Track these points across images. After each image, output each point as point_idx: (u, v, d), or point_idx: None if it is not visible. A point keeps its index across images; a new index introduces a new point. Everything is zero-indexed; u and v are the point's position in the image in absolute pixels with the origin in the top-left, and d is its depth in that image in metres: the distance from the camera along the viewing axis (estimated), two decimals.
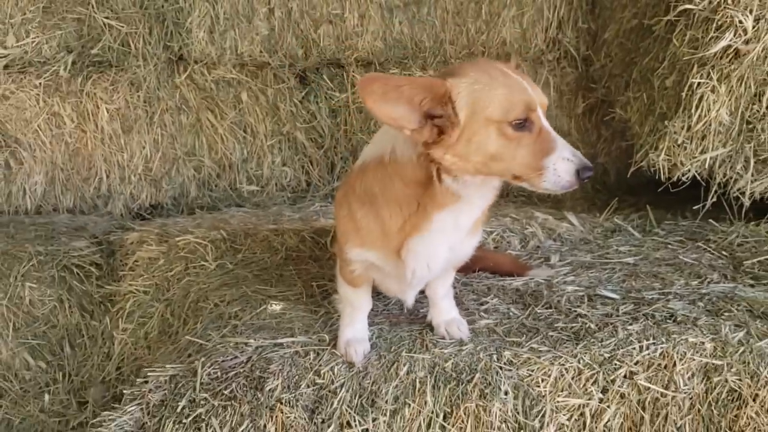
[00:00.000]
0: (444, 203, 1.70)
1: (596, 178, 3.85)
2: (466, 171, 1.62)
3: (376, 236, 1.78)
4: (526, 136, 1.57)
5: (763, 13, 2.49)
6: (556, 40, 3.69)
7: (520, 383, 1.84)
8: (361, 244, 1.81)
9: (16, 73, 3.47)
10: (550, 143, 1.58)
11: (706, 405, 1.90)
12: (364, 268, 1.87)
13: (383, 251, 1.79)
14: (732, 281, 2.29)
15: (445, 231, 1.76)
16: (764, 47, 2.50)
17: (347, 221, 1.83)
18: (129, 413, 1.86)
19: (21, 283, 2.64)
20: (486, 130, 1.57)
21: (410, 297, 1.96)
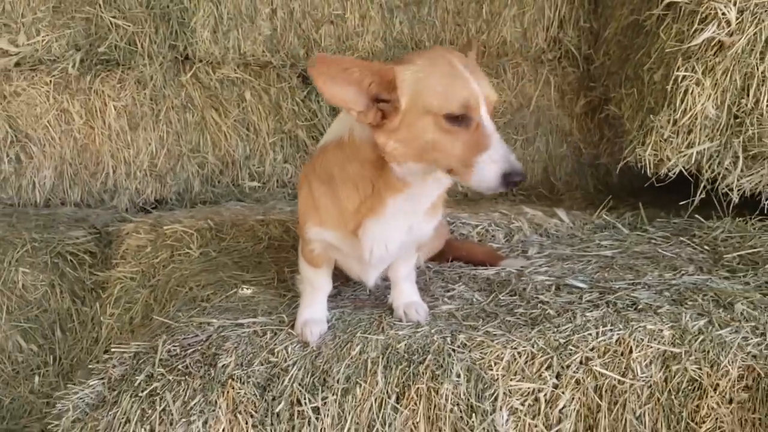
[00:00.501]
0: (396, 188, 1.72)
1: (598, 178, 3.82)
2: (407, 158, 1.64)
3: (334, 216, 1.82)
4: (462, 131, 1.58)
5: (747, 5, 2.46)
6: (557, 39, 3.69)
7: (473, 366, 1.83)
8: (320, 223, 1.84)
9: (27, 71, 3.60)
10: (485, 141, 1.57)
11: (665, 394, 1.87)
12: (323, 248, 1.90)
13: (341, 231, 1.82)
14: (707, 274, 2.25)
15: (400, 215, 1.78)
16: (749, 40, 2.47)
17: (307, 200, 1.87)
18: (91, 387, 1.91)
19: (15, 268, 2.74)
20: (424, 119, 1.60)
21: (371, 278, 1.98)
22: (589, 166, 3.80)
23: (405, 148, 1.63)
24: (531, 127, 3.73)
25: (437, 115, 1.58)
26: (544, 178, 3.78)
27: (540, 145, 3.75)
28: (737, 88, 2.55)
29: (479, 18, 3.68)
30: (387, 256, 1.87)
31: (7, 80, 3.60)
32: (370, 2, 3.64)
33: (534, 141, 3.75)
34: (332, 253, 1.94)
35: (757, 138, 2.59)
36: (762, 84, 2.53)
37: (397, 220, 1.80)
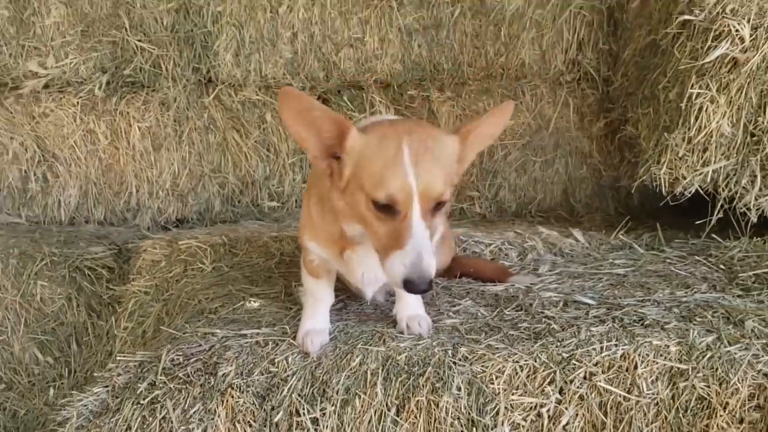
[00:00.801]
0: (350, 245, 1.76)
1: (619, 200, 3.78)
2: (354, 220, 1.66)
3: (324, 235, 1.83)
4: (389, 220, 1.57)
5: (762, 22, 2.44)
6: (576, 61, 3.68)
7: (474, 379, 1.81)
8: (314, 238, 1.86)
9: (55, 92, 3.71)
10: (403, 239, 1.54)
11: (673, 412, 1.82)
12: (321, 260, 1.91)
13: (330, 250, 1.84)
14: (720, 292, 2.20)
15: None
16: (764, 57, 2.44)
17: (306, 213, 1.89)
18: (95, 394, 1.93)
19: (34, 281, 2.79)
20: (358, 194, 1.60)
21: (369, 293, 1.97)
22: (609, 189, 3.77)
23: (350, 212, 1.65)
24: (550, 149, 3.71)
25: (368, 196, 1.57)
26: (563, 200, 3.75)
27: (559, 167, 3.73)
28: (753, 106, 2.52)
29: (497, 41, 3.70)
30: (379, 280, 1.87)
31: (36, 102, 3.71)
32: (389, 25, 3.68)
33: (553, 163, 3.73)
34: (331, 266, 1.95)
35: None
36: None
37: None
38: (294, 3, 3.63)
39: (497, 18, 3.66)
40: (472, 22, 3.68)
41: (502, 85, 3.73)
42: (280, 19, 3.66)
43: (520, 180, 3.75)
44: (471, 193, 3.77)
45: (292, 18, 3.66)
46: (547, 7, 3.63)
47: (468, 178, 3.75)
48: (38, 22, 3.64)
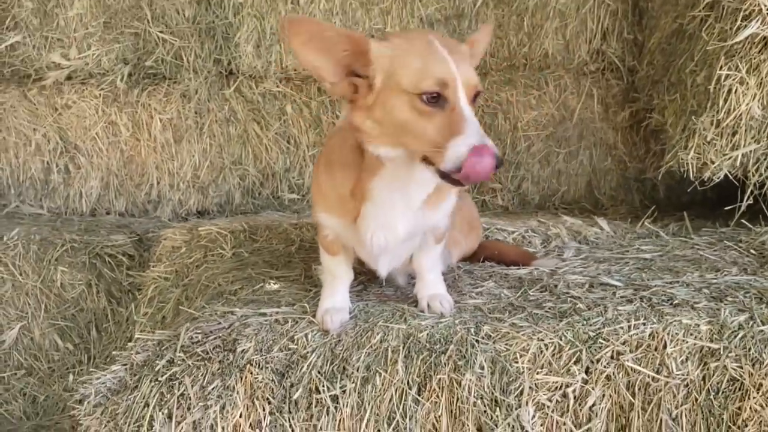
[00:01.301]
0: (373, 170, 1.69)
1: (644, 193, 3.72)
2: (382, 140, 1.61)
3: (336, 202, 1.80)
4: (437, 113, 1.53)
5: None
6: (600, 51, 3.63)
7: (497, 357, 1.77)
8: (326, 208, 1.83)
9: (78, 84, 3.73)
10: (461, 125, 1.51)
11: (703, 393, 1.76)
12: (335, 234, 1.88)
13: (342, 218, 1.80)
14: (752, 275, 2.13)
15: (396, 204, 1.74)
16: None
17: (316, 186, 1.87)
18: (113, 372, 1.92)
19: (54, 267, 2.80)
20: (398, 98, 1.56)
21: (382, 267, 1.92)
22: (635, 181, 3.70)
23: (380, 129, 1.60)
24: (574, 140, 3.66)
25: (412, 94, 1.54)
26: (587, 192, 3.69)
27: (583, 158, 3.68)
28: None
29: (520, 31, 3.66)
30: (389, 245, 1.81)
31: (59, 93, 3.73)
32: (411, 16, 3.66)
33: (577, 154, 3.67)
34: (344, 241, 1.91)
35: None
36: None
37: (394, 210, 1.75)
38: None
39: (520, 8, 3.63)
40: (495, 11, 3.65)
41: (525, 75, 3.68)
42: (301, 10, 3.65)
43: (543, 172, 3.69)
44: (493, 185, 3.72)
45: (313, 8, 3.64)
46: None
47: None
48: (61, 13, 3.66)
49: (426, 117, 1.53)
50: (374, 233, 1.76)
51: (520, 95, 3.64)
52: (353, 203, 1.75)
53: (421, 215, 1.77)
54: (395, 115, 1.56)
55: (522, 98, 3.64)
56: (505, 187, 3.72)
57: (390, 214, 1.74)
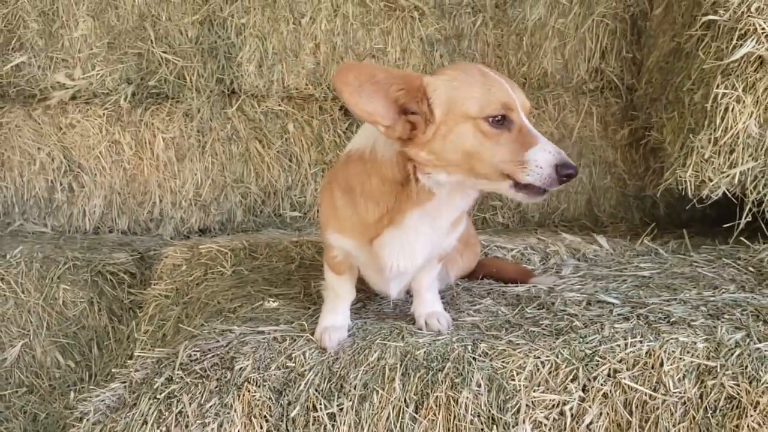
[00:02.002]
0: (419, 201, 1.70)
1: (644, 210, 3.72)
2: (441, 169, 1.63)
3: (353, 225, 1.81)
4: (505, 135, 1.58)
5: None
6: (599, 69, 3.66)
7: (494, 375, 1.77)
8: (340, 230, 1.84)
9: (82, 104, 3.77)
10: (532, 138, 1.58)
11: (701, 412, 1.76)
12: (344, 255, 1.89)
13: (359, 241, 1.81)
14: (749, 292, 2.14)
15: (421, 229, 1.76)
16: None
17: (329, 206, 1.87)
18: (112, 390, 1.93)
19: (56, 285, 2.81)
20: (463, 126, 1.59)
21: (393, 290, 1.95)
22: (635, 198, 3.71)
23: (440, 159, 1.62)
24: (573, 158, 3.66)
25: (477, 119, 1.57)
26: (587, 210, 3.70)
27: (583, 176, 3.69)
28: None
29: (519, 50, 3.69)
30: (407, 270, 1.84)
31: (64, 113, 3.77)
32: (411, 36, 3.69)
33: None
34: (354, 262, 1.92)
35: None
36: None
37: (418, 235, 1.77)
38: (316, 14, 3.66)
39: (519, 27, 3.66)
40: (494, 31, 3.68)
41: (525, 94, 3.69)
42: (302, 30, 3.69)
43: None
44: (493, 202, 3.73)
45: (315, 29, 3.68)
46: (569, 16, 3.62)
47: None
48: (66, 34, 3.70)
49: (494, 139, 1.57)
50: (396, 257, 1.77)
51: None
52: (375, 229, 1.76)
53: (438, 241, 1.79)
54: (462, 142, 1.59)
55: None
56: (506, 205, 3.73)
57: (413, 239, 1.76)
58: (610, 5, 3.60)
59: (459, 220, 1.85)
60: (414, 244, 1.78)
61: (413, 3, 3.64)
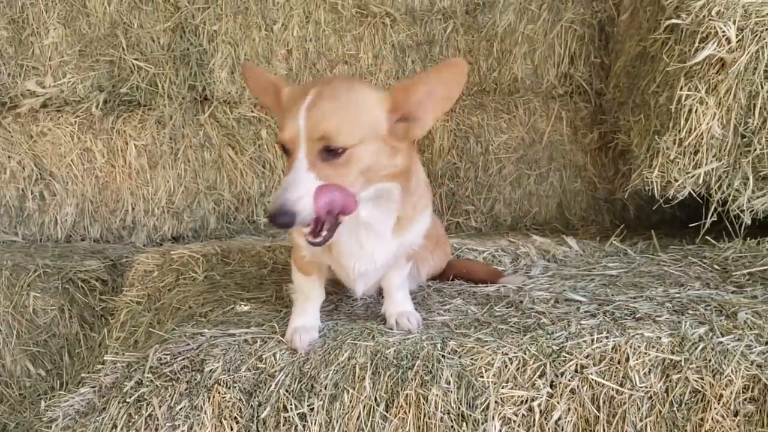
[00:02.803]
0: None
1: (614, 213, 3.77)
2: None
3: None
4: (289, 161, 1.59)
5: (747, 24, 2.46)
6: (568, 74, 3.71)
7: (463, 372, 1.79)
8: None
9: (53, 112, 3.75)
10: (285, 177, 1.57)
11: (667, 405, 1.80)
12: (312, 254, 1.90)
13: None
14: (714, 289, 2.18)
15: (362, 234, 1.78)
16: (751, 58, 2.46)
17: None
18: (81, 395, 1.91)
19: (26, 293, 2.79)
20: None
21: (359, 289, 1.96)
22: (605, 202, 3.76)
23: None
24: (544, 162, 3.72)
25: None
26: (558, 213, 3.75)
27: (554, 180, 3.74)
28: (742, 107, 2.53)
29: (490, 56, 3.73)
30: (369, 272, 1.86)
31: (34, 121, 3.74)
32: (383, 42, 3.72)
33: (547, 176, 3.73)
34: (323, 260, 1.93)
35: (767, 158, 2.55)
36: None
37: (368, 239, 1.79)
38: (288, 21, 3.68)
39: (489, 34, 3.70)
40: (465, 37, 3.72)
41: (496, 99, 3.75)
42: (274, 36, 3.70)
43: (514, 194, 3.75)
44: (466, 207, 3.76)
45: (287, 35, 3.70)
46: (538, 23, 3.67)
47: (464, 192, 3.75)
48: (37, 42, 3.68)
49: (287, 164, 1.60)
50: (356, 262, 1.80)
51: (490, 119, 3.71)
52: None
53: (397, 242, 1.81)
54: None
55: (493, 122, 3.70)
56: (478, 209, 3.76)
57: (365, 244, 1.78)
58: (578, 11, 3.66)
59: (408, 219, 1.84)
60: (369, 250, 1.80)
61: (385, 9, 3.67)
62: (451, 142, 3.71)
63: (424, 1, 3.71)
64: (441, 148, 3.71)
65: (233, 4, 3.69)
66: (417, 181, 1.82)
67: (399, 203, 1.76)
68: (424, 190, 1.89)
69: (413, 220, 1.85)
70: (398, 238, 1.83)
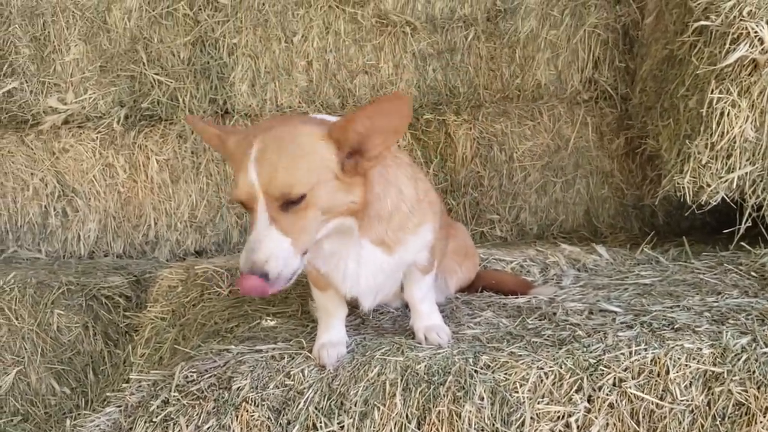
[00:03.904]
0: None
1: (643, 220, 3.69)
2: None
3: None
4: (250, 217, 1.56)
5: None
6: (592, 80, 3.65)
7: (497, 387, 1.74)
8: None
9: (75, 128, 3.75)
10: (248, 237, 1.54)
11: (709, 420, 1.73)
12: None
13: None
14: (753, 297, 2.11)
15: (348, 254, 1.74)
16: None
17: None
18: (107, 414, 1.88)
19: (50, 310, 2.77)
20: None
21: (365, 303, 1.90)
22: (633, 208, 3.69)
23: None
24: (570, 169, 3.65)
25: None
26: (585, 221, 3.67)
27: (580, 187, 3.67)
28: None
29: (513, 62, 3.69)
30: (364, 290, 1.81)
31: (56, 137, 3.75)
32: (404, 51, 3.69)
33: (574, 183, 3.67)
34: None
35: None
36: None
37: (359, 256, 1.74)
38: (308, 32, 3.66)
39: (511, 40, 3.66)
40: (486, 45, 3.68)
41: (519, 106, 3.69)
42: (294, 48, 3.68)
43: (540, 202, 3.68)
44: (491, 216, 3.71)
45: (307, 47, 3.68)
46: (561, 28, 3.62)
47: (488, 201, 3.69)
48: (58, 59, 3.70)
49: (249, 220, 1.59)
50: (350, 281, 1.76)
51: (514, 126, 3.65)
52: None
53: (389, 259, 1.75)
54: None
55: (517, 129, 3.64)
56: (504, 218, 3.71)
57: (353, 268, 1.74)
58: (601, 16, 3.61)
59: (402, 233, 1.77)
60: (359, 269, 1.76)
61: (405, 18, 3.64)
62: (474, 151, 3.66)
63: (445, 9, 3.68)
64: (464, 157, 3.66)
65: (253, 17, 3.68)
66: (396, 203, 1.74)
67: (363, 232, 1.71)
68: (416, 207, 1.79)
69: (410, 233, 1.78)
70: (394, 255, 1.77)
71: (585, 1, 3.62)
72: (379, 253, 1.74)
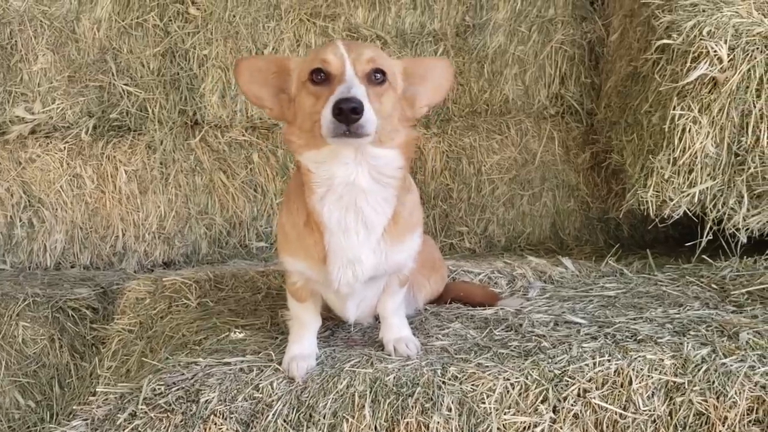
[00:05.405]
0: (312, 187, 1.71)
1: (608, 232, 3.77)
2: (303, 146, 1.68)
3: (296, 240, 1.80)
4: (326, 90, 1.59)
5: (738, 43, 2.47)
6: (559, 95, 3.72)
7: (465, 399, 1.76)
8: (290, 252, 1.83)
9: (42, 138, 3.71)
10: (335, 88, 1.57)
11: (671, 429, 1.78)
12: (304, 280, 1.87)
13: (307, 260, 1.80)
14: (713, 309, 2.17)
15: (350, 227, 1.73)
16: (742, 77, 2.47)
17: (280, 230, 1.88)
18: (74, 428, 1.86)
19: (15, 322, 2.73)
20: (301, 92, 1.66)
21: (350, 312, 1.93)
22: (599, 221, 3.75)
23: (300, 134, 1.68)
24: (537, 183, 3.71)
25: (305, 81, 1.64)
26: (552, 233, 3.73)
27: (547, 200, 3.73)
28: (735, 126, 2.53)
29: (481, 77, 3.73)
30: (357, 280, 1.80)
31: (23, 147, 3.70)
32: None
33: (541, 196, 3.73)
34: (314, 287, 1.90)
35: (761, 176, 2.55)
36: (761, 121, 2.51)
37: (357, 237, 1.74)
38: (279, 44, 3.67)
39: (480, 55, 3.71)
40: (455, 59, 3.72)
41: (487, 120, 3.75)
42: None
43: (508, 214, 3.74)
44: (460, 228, 3.75)
45: None
46: (528, 44, 3.69)
47: (457, 213, 3.73)
48: (25, 68, 3.66)
49: (315, 97, 1.61)
50: (342, 268, 1.75)
51: (482, 140, 3.70)
52: (313, 238, 1.75)
53: (386, 252, 1.77)
54: (301, 107, 1.65)
55: (485, 143, 3.70)
56: (472, 230, 3.75)
57: (353, 243, 1.73)
58: (567, 32, 3.68)
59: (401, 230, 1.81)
60: (357, 251, 1.75)
61: (375, 32, 3.67)
62: (443, 164, 3.71)
63: (415, 24, 3.72)
64: (434, 170, 3.70)
65: (223, 29, 3.68)
66: (410, 185, 1.86)
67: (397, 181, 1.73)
68: (416, 205, 1.88)
69: (406, 234, 1.81)
70: (390, 250, 1.79)
71: (552, 18, 3.69)
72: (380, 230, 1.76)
